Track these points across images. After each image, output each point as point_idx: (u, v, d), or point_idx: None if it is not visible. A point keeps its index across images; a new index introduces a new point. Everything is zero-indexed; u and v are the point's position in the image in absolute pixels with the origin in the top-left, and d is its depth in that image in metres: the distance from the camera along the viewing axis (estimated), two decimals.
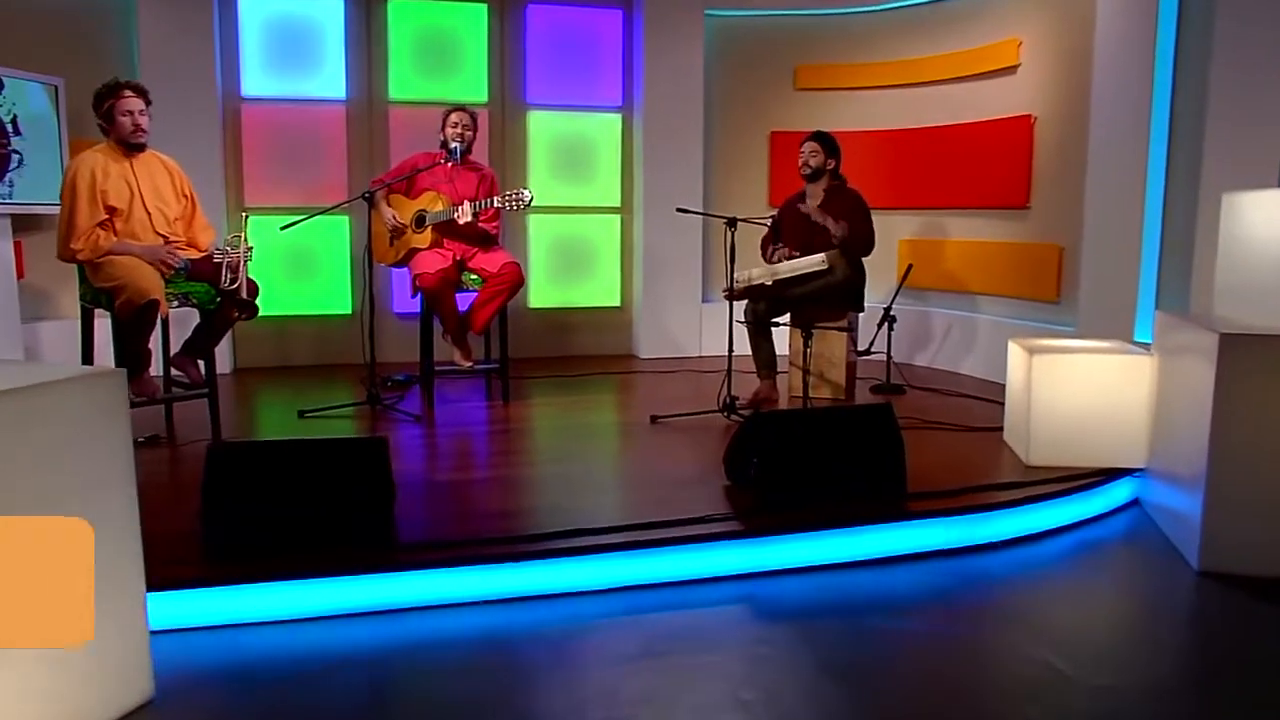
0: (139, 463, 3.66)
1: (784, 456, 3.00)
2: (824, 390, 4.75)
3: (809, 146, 4.65)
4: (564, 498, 3.23)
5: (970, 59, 5.59)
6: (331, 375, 5.37)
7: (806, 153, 4.64)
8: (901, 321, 5.61)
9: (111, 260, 3.69)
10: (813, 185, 4.68)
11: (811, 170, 4.63)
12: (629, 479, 3.47)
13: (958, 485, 3.23)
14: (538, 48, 5.97)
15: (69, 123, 4.79)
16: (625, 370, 5.77)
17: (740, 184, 6.26)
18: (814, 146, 4.63)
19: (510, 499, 3.23)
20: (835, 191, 4.66)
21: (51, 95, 4.69)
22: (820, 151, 4.62)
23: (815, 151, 4.62)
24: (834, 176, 4.69)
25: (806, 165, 4.64)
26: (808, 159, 4.63)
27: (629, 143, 6.19)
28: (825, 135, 4.69)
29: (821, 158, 4.62)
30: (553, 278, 6.19)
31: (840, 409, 3.25)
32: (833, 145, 4.66)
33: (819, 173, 4.64)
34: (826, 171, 4.64)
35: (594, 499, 3.23)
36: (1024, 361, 3.55)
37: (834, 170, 4.67)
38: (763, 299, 4.56)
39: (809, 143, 4.65)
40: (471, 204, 4.47)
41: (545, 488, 3.35)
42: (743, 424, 3.08)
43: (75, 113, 4.67)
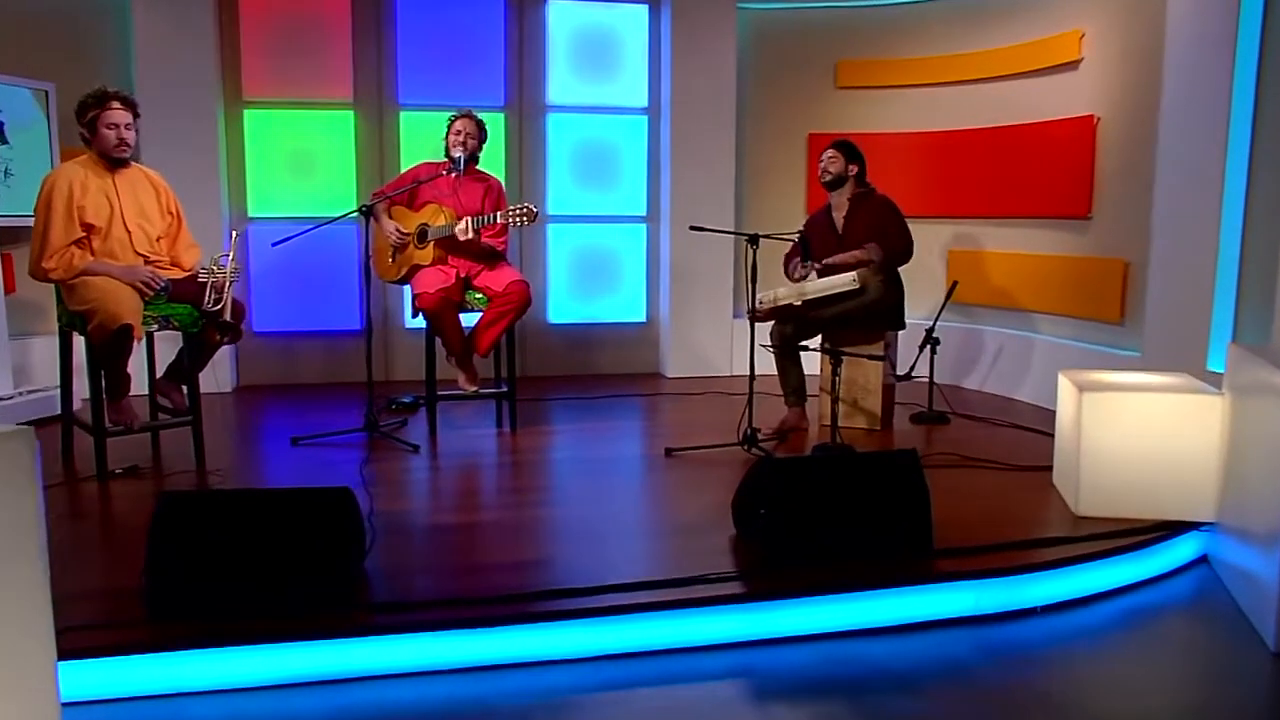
0: (110, 496, 3.72)
1: (794, 507, 2.81)
2: (858, 419, 4.55)
3: (827, 153, 4.52)
4: (553, 547, 3.08)
5: (1027, 53, 5.32)
6: (338, 395, 5.30)
7: (825, 160, 4.51)
8: (949, 340, 5.38)
9: (86, 281, 3.63)
10: (835, 195, 4.51)
11: (831, 178, 4.47)
12: (627, 526, 3.31)
13: (992, 540, 3.00)
14: (558, 46, 5.84)
15: (61, 130, 4.77)
16: (648, 391, 5.61)
17: (776, 191, 6.07)
18: (832, 153, 4.49)
19: (493, 549, 3.08)
20: (861, 200, 4.48)
21: (41, 101, 4.68)
22: (839, 157, 4.46)
23: (834, 158, 4.47)
24: (859, 183, 4.50)
25: (825, 173, 4.49)
26: (826, 166, 4.50)
27: (656, 147, 6.03)
28: (845, 141, 4.55)
29: (841, 164, 4.45)
30: (573, 291, 6.06)
31: (859, 455, 3.05)
32: (853, 150, 4.50)
33: (840, 180, 4.47)
34: (849, 179, 4.46)
35: (585, 550, 3.06)
36: (1073, 398, 3.30)
37: (858, 177, 4.49)
38: (790, 320, 4.38)
39: (828, 150, 4.52)
40: (473, 219, 4.35)
41: (535, 536, 3.20)
42: (750, 469, 2.89)
43: (67, 119, 4.61)
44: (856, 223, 4.46)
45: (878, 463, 2.92)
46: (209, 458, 3.98)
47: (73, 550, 2.99)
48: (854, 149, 4.50)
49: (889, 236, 4.36)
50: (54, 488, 3.59)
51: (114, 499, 3.55)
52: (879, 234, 4.37)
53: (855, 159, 4.48)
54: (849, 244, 4.41)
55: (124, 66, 5.23)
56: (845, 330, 4.41)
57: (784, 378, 4.48)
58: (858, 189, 4.50)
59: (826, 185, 4.51)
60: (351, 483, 3.66)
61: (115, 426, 3.77)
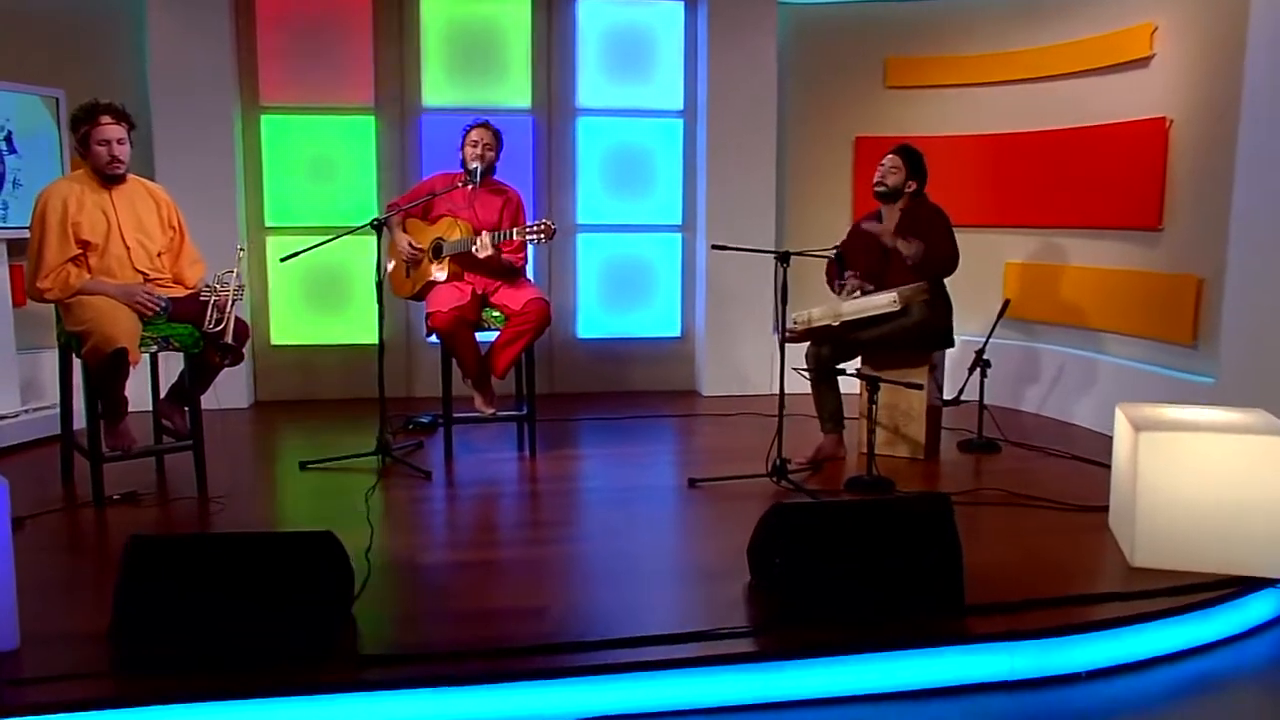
0: (105, 525, 3.71)
1: (811, 557, 2.68)
2: (900, 448, 4.38)
3: (890, 160, 4.30)
4: (558, 593, 2.97)
5: (1093, 49, 5.10)
6: (357, 411, 5.25)
7: (886, 167, 4.30)
8: (1004, 359, 5.20)
9: (81, 301, 3.62)
10: (888, 207, 4.32)
11: (888, 189, 4.28)
12: (639, 569, 3.19)
13: (1033, 593, 2.83)
14: (589, 46, 5.76)
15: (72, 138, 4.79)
16: (681, 412, 5.50)
17: (820, 198, 5.92)
18: (896, 161, 4.28)
19: (493, 592, 2.99)
20: (912, 211, 4.30)
21: (51, 108, 4.71)
22: (902, 169, 4.26)
23: (896, 168, 4.27)
24: (915, 199, 4.31)
25: (883, 182, 4.30)
26: (885, 175, 4.29)
27: (691, 152, 5.92)
28: (912, 150, 4.33)
29: (902, 175, 4.27)
30: (604, 304, 5.98)
31: (883, 501, 2.90)
32: (918, 163, 4.30)
33: (896, 193, 4.29)
34: (905, 194, 4.27)
35: (591, 596, 2.95)
36: (1129, 437, 3.10)
37: (915, 193, 4.29)
38: (826, 342, 4.23)
39: (891, 156, 4.31)
40: (491, 234, 4.27)
41: (540, 578, 3.09)
42: (764, 515, 2.76)
43: None
44: (904, 234, 4.27)
45: (904, 509, 2.77)
46: (213, 482, 3.96)
47: (54, 586, 2.97)
48: (919, 161, 4.29)
49: (932, 241, 4.17)
50: (47, 515, 3.59)
51: (108, 528, 3.54)
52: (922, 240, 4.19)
53: (917, 174, 4.28)
54: (895, 257, 4.25)
55: (137, 71, 5.26)
56: (887, 352, 4.25)
57: (820, 403, 4.33)
58: (911, 202, 4.32)
59: (880, 196, 4.32)
60: (356, 511, 3.63)
61: (112, 451, 3.75)
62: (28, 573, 3.05)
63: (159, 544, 2.49)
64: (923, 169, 4.31)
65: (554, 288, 5.87)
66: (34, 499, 3.77)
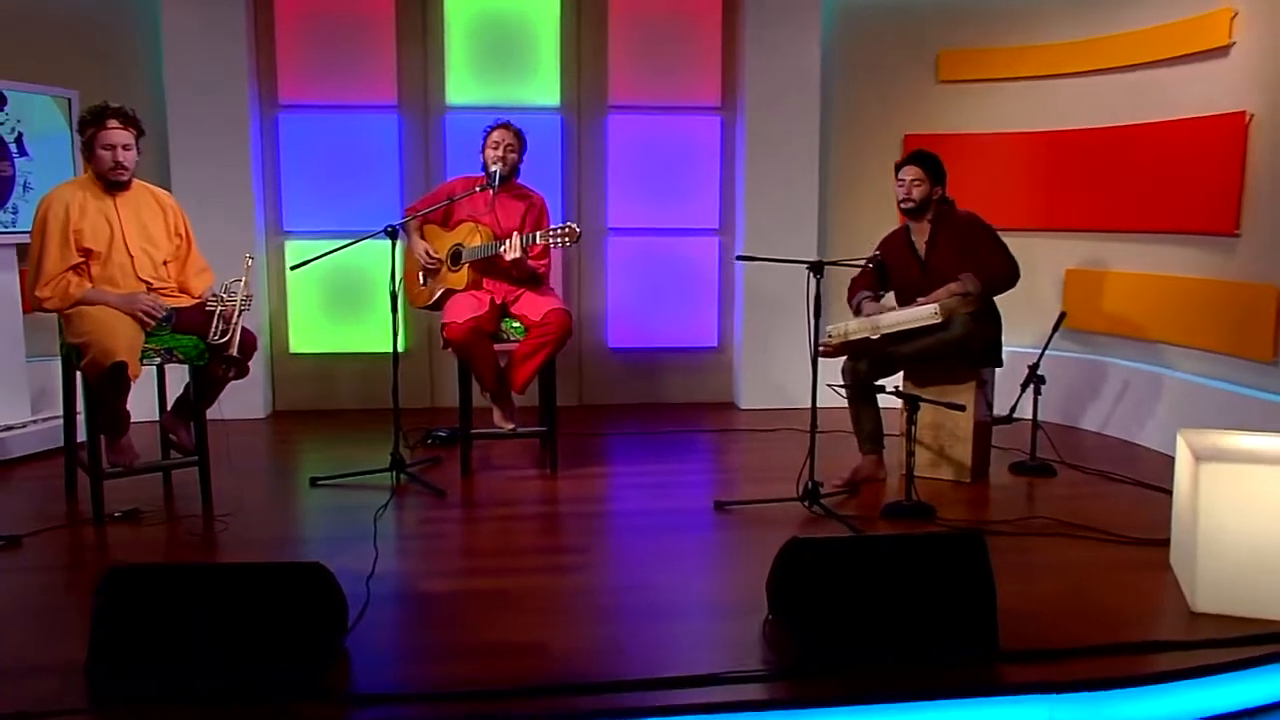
0: (105, 544, 3.72)
1: (832, 596, 2.58)
2: (944, 470, 4.26)
3: (910, 173, 4.17)
4: (564, 626, 2.90)
5: (1164, 38, 4.91)
6: (377, 423, 5.22)
7: (907, 182, 4.17)
8: (1065, 372, 5.06)
9: (81, 312, 3.64)
10: (916, 221, 4.21)
11: (916, 205, 4.17)
12: (651, 601, 3.09)
13: (1078, 639, 2.69)
14: (620, 38, 5.70)
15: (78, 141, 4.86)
16: (716, 427, 5.41)
17: (867, 200, 5.80)
18: (916, 172, 4.15)
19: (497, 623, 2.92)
20: (944, 221, 4.18)
21: (64, 109, 4.76)
22: (925, 180, 4.15)
23: (919, 180, 4.15)
24: (939, 205, 4.19)
25: (909, 199, 4.17)
26: (909, 190, 4.16)
27: (730, 151, 5.84)
28: (927, 155, 4.22)
29: (927, 186, 4.15)
30: (637, 312, 5.92)
31: (909, 537, 2.79)
32: (938, 168, 4.19)
33: (925, 206, 4.16)
34: (933, 202, 4.16)
35: (599, 631, 2.88)
36: (1190, 467, 2.95)
37: (941, 199, 4.18)
38: (864, 357, 4.12)
39: (909, 167, 4.19)
40: (522, 238, 4.22)
41: (548, 610, 3.03)
42: (782, 550, 2.67)
43: None
44: (941, 249, 4.16)
45: (932, 545, 2.66)
46: (221, 499, 3.96)
47: (41, 611, 2.97)
48: (938, 164, 4.18)
49: (985, 261, 4.04)
50: (44, 533, 3.60)
51: (107, 548, 3.54)
52: (969, 259, 4.06)
53: (940, 179, 4.17)
54: (934, 274, 4.13)
55: (152, 70, 5.31)
56: (931, 367, 4.13)
57: (857, 421, 4.22)
58: (939, 208, 4.20)
59: (909, 213, 4.21)
60: (363, 533, 3.60)
61: (113, 467, 3.77)
62: (15, 596, 3.09)
63: (138, 574, 2.47)
64: (943, 172, 4.19)
65: (583, 294, 5.82)
66: (35, 515, 3.80)
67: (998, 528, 3.67)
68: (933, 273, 4.13)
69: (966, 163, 5.46)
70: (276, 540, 3.68)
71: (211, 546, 3.58)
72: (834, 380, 4.23)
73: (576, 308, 5.82)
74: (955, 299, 3.97)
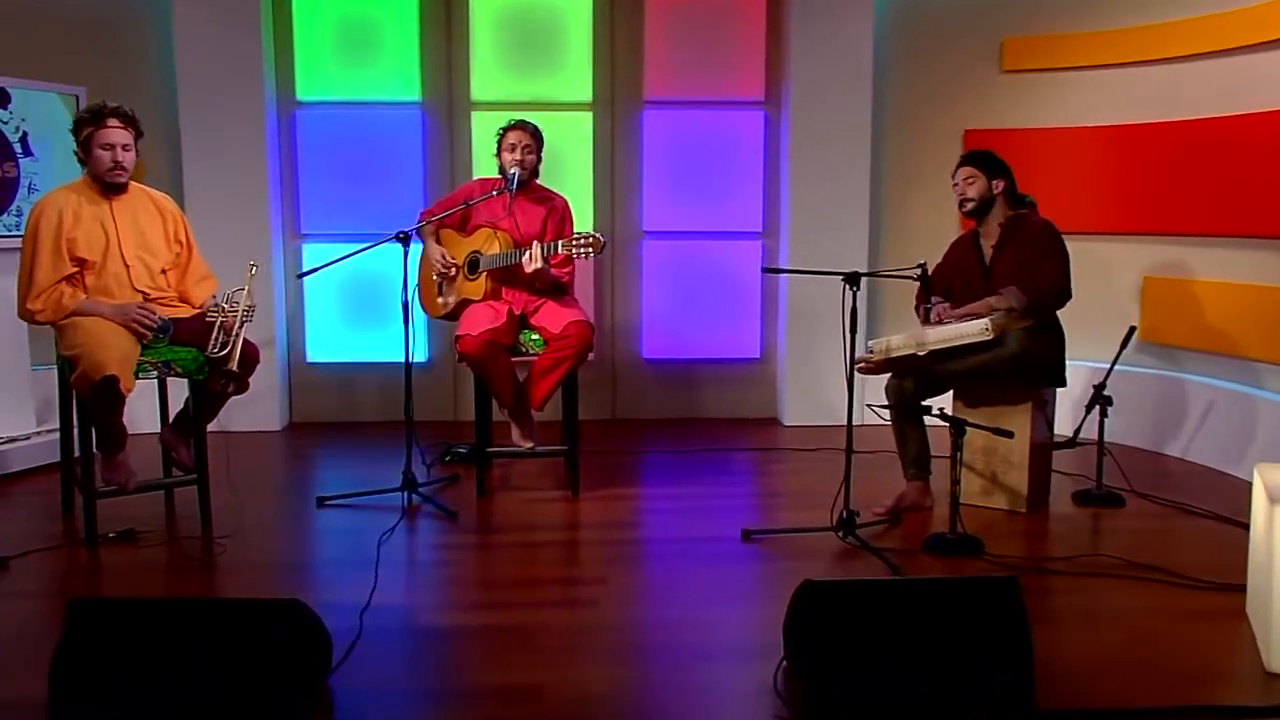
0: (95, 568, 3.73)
1: (851, 647, 2.47)
2: (997, 498, 4.12)
3: (961, 174, 4.09)
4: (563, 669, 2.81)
5: (1256, 20, 4.68)
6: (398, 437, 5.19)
7: (960, 183, 4.08)
8: (1142, 390, 4.92)
9: (74, 324, 3.65)
10: (983, 224, 4.08)
11: (974, 205, 4.05)
12: (662, 641, 3.00)
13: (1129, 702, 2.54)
14: (658, 30, 5.63)
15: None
16: (757, 445, 5.31)
17: (923, 201, 5.65)
18: (968, 172, 4.06)
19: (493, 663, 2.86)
20: (1015, 225, 4.04)
21: (71, 107, 4.80)
22: (978, 176, 4.03)
23: (972, 178, 4.04)
24: (1012, 202, 4.06)
25: (965, 200, 4.08)
26: (965, 189, 4.07)
27: (775, 148, 5.74)
28: (979, 153, 4.11)
29: (983, 183, 4.02)
30: (674, 321, 5.84)
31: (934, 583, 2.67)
32: (994, 162, 4.07)
33: (986, 205, 4.04)
34: (996, 197, 4.02)
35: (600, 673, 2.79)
36: (1265, 509, 2.78)
37: (1009, 193, 4.04)
38: (910, 374, 3.99)
39: (960, 169, 4.10)
40: (543, 246, 4.17)
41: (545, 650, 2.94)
42: (796, 594, 2.56)
43: None
44: (1006, 256, 4.02)
45: (960, 591, 2.53)
46: (224, 517, 3.97)
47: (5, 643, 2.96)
48: (993, 160, 4.06)
49: (1039, 275, 3.90)
50: (34, 555, 3.61)
51: (99, 571, 3.56)
52: (1029, 270, 3.91)
53: (998, 172, 4.04)
54: (997, 283, 3.99)
55: (164, 65, 5.36)
56: (983, 385, 3.99)
57: (901, 444, 4.09)
58: (1011, 210, 4.06)
59: (970, 214, 4.10)
60: (366, 558, 3.57)
61: (108, 485, 3.78)
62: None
63: (102, 608, 2.45)
64: (1001, 165, 4.06)
65: (616, 301, 5.76)
66: (28, 534, 3.83)
67: (1053, 565, 3.53)
68: (996, 281, 4.00)
69: (1033, 160, 5.28)
70: (273, 565, 3.66)
71: (206, 570, 3.58)
72: (878, 399, 4.12)
73: (609, 315, 5.77)
74: (1004, 314, 3.83)
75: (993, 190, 4.03)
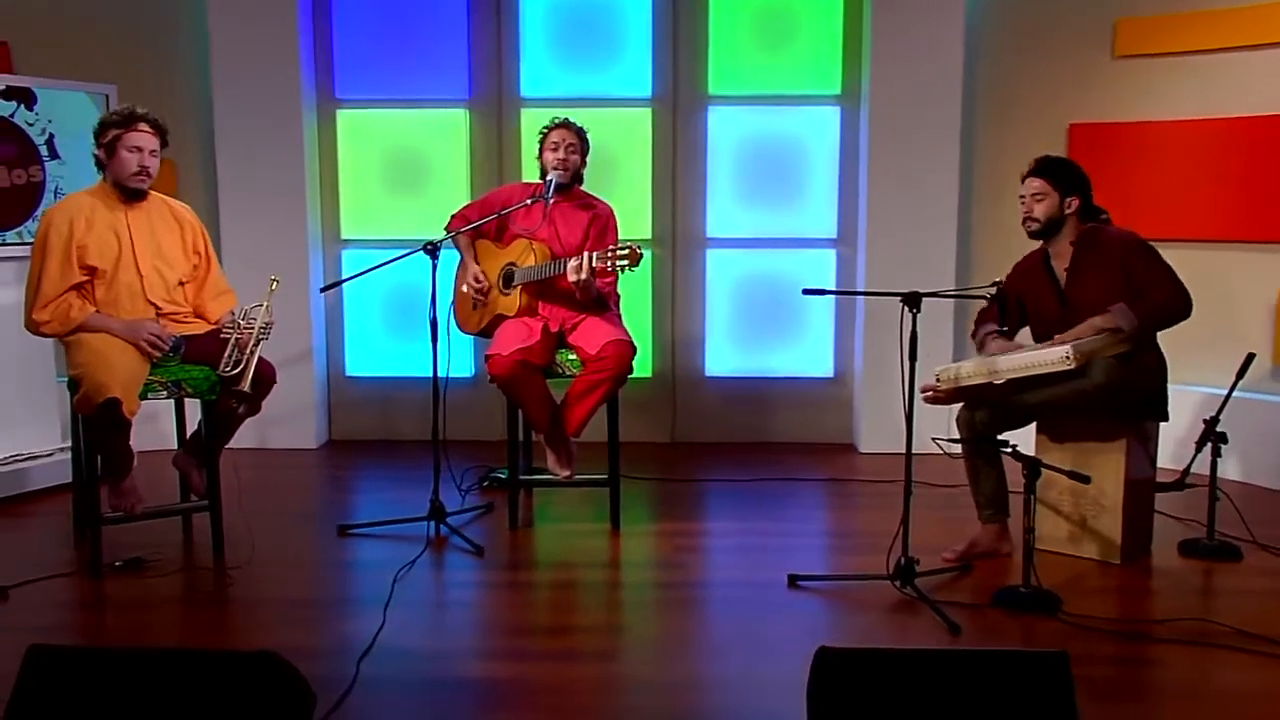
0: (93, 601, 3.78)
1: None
2: (1087, 546, 3.95)
3: (1030, 186, 3.89)
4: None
5: None
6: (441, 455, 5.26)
7: (1028, 197, 3.89)
8: (1270, 424, 4.67)
9: (80, 340, 3.73)
10: (1052, 244, 3.91)
11: (1039, 227, 3.88)
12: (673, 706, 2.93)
13: None
14: (725, 18, 5.58)
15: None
16: (827, 474, 5.19)
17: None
18: (1039, 186, 3.86)
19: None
20: (1090, 241, 3.86)
21: (101, 106, 4.92)
22: (1050, 193, 3.84)
23: (1041, 194, 3.85)
24: (1084, 216, 3.87)
25: (1032, 220, 3.89)
26: (1030, 207, 3.89)
27: (852, 147, 5.63)
28: (1054, 161, 3.92)
29: (1053, 202, 3.84)
30: (740, 336, 5.78)
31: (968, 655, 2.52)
32: (1069, 174, 3.88)
33: (1054, 226, 3.86)
34: (1068, 217, 3.85)
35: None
36: None
37: (1082, 210, 3.86)
38: (984, 405, 3.84)
39: (1030, 180, 3.90)
40: (587, 257, 4.13)
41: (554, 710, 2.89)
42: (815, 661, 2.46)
43: None
44: (1086, 275, 3.82)
45: (998, 666, 2.39)
46: (241, 543, 4.04)
47: None
48: (1070, 173, 3.86)
49: (1143, 290, 3.70)
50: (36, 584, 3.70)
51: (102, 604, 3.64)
52: (1120, 286, 3.72)
53: (1074, 188, 3.84)
54: (1075, 308, 3.80)
55: (198, 63, 5.48)
56: (1069, 419, 3.83)
57: (975, 482, 3.94)
58: (1082, 226, 3.87)
59: (1036, 234, 3.92)
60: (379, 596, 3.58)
61: (114, 512, 3.86)
62: None
63: (62, 657, 2.47)
64: (1077, 179, 3.86)
65: (677, 314, 5.72)
66: (37, 560, 3.92)
67: (1145, 629, 3.33)
68: (1073, 307, 3.81)
69: (1149, 158, 5.14)
70: (280, 601, 3.67)
71: (208, 605, 3.63)
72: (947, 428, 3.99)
73: (669, 329, 5.72)
74: (1100, 338, 3.65)
75: (1064, 210, 3.84)
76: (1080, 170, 3.91)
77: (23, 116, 4.80)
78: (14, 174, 4.80)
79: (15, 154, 4.79)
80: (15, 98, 4.78)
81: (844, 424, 5.77)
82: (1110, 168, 5.08)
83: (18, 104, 4.79)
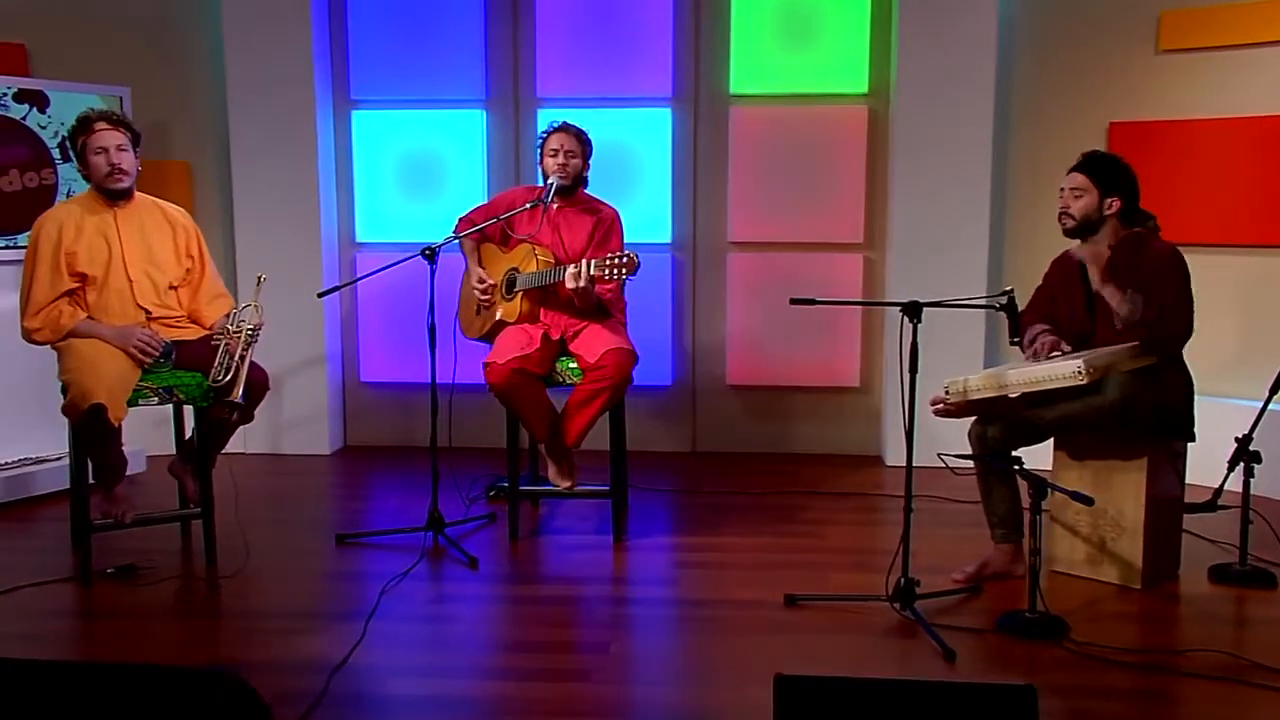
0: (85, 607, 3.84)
1: None
2: (1106, 570, 3.83)
3: (1071, 181, 3.80)
4: None
5: None
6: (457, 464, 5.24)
7: (1066, 192, 3.80)
8: None
9: (70, 346, 3.79)
10: (1089, 245, 3.79)
11: (1076, 223, 3.77)
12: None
13: None
14: (747, 15, 5.54)
15: None
16: (851, 489, 5.11)
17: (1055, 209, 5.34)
18: (1079, 181, 3.77)
19: None
20: (1133, 246, 3.74)
21: (115, 108, 5.02)
22: (1090, 190, 3.74)
23: (1080, 190, 3.76)
24: (1126, 221, 3.75)
25: (1068, 216, 3.80)
26: (1068, 202, 3.79)
27: (879, 148, 5.56)
28: (1101, 158, 3.82)
29: (1092, 200, 3.74)
30: (762, 343, 5.71)
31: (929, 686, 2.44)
32: (1114, 173, 3.77)
33: (1092, 224, 3.76)
34: (1107, 219, 3.73)
35: None
36: None
37: (1124, 213, 3.73)
38: (996, 419, 3.75)
39: (1072, 174, 3.81)
40: (588, 263, 4.11)
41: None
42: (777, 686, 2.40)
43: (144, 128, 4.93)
44: (1120, 277, 3.72)
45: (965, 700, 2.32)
46: (237, 551, 4.08)
47: None
48: (1116, 171, 3.77)
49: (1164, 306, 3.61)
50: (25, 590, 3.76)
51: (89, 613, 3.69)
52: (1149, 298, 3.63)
53: (1117, 188, 3.73)
54: (1106, 313, 3.70)
55: (212, 65, 5.55)
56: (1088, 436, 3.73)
57: (987, 500, 3.86)
58: (1125, 230, 3.76)
59: (1071, 232, 3.83)
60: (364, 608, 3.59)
61: (104, 519, 3.91)
62: None
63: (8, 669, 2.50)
64: (1123, 179, 3.75)
65: (699, 321, 5.70)
66: (33, 565, 3.99)
67: (1163, 661, 3.21)
68: (1105, 314, 3.71)
69: (1194, 157, 5.02)
70: (265, 612, 3.69)
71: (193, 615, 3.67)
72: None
73: (690, 336, 5.69)
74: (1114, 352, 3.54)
75: (1103, 210, 3.73)
76: (1128, 170, 3.81)
77: (35, 119, 4.92)
78: (26, 177, 4.91)
79: (28, 157, 4.91)
80: (28, 101, 4.90)
81: (871, 435, 5.70)
82: (1152, 168, 4.91)
83: (30, 106, 4.90)
